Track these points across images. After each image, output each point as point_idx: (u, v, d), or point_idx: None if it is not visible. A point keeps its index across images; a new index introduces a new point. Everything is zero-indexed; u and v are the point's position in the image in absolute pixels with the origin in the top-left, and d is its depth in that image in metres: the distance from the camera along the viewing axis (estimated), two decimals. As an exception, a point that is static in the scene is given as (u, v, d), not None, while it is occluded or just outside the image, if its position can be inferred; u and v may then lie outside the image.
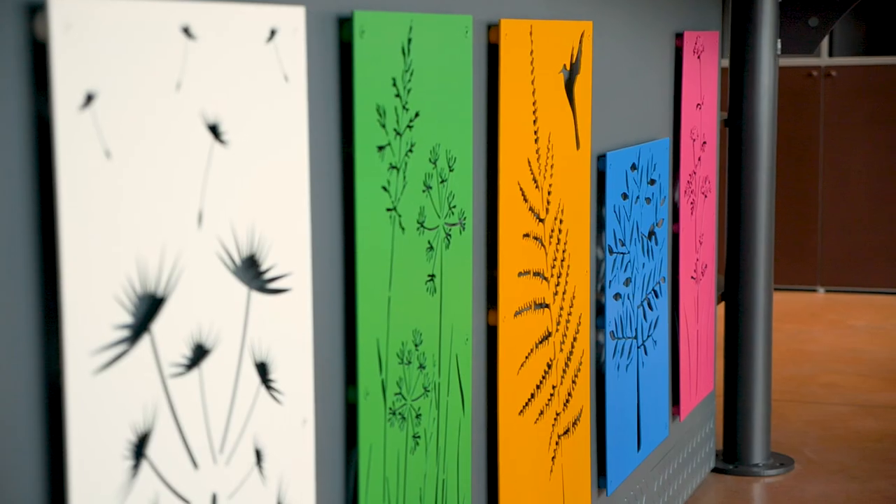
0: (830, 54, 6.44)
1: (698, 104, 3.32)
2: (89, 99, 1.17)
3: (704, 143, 3.39)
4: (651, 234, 2.94)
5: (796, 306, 6.07)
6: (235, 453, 1.42)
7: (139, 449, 1.26)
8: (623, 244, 2.75)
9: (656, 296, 3.01)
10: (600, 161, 2.62)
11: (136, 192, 1.24)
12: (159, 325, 1.28)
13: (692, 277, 3.33)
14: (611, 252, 2.67)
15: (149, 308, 1.27)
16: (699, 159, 3.34)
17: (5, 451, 1.14)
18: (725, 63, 3.88)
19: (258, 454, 1.46)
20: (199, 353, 1.35)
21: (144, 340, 1.26)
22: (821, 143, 6.42)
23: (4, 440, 1.14)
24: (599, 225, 2.63)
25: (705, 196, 3.42)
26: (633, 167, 2.79)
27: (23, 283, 1.14)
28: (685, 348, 3.28)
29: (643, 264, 2.90)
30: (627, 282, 2.79)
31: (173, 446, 1.31)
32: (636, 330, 2.87)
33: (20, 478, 1.15)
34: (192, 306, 1.33)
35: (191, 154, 1.32)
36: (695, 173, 3.31)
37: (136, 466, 1.25)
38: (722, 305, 3.83)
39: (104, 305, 1.20)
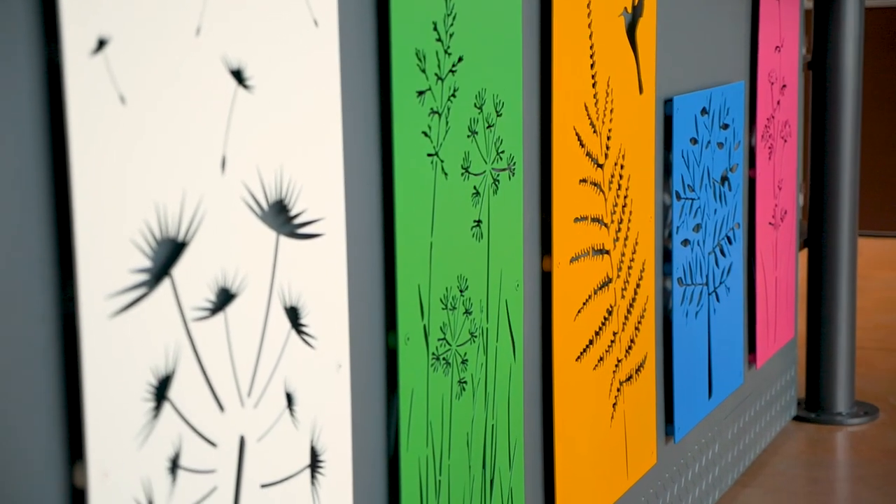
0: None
1: (777, 46, 3.25)
2: (101, 44, 1.18)
3: (784, 86, 3.33)
4: (724, 179, 2.90)
5: (892, 254, 5.95)
6: (265, 397, 1.43)
7: (160, 391, 1.27)
8: (692, 190, 2.71)
9: (729, 242, 2.97)
10: (667, 105, 2.58)
11: (153, 138, 1.25)
12: (180, 269, 1.29)
13: (770, 223, 3.28)
14: (678, 198, 2.64)
15: (169, 253, 1.28)
16: (778, 103, 3.28)
17: (23, 394, 1.16)
18: (809, 4, 3.80)
19: (289, 398, 1.47)
20: (225, 298, 1.36)
21: (165, 285, 1.27)
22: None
23: (22, 383, 1.16)
24: (666, 170, 2.60)
25: (785, 141, 3.36)
26: (704, 111, 2.75)
27: (37, 228, 1.16)
28: (762, 295, 3.24)
29: (714, 210, 2.86)
30: (697, 228, 2.76)
31: (197, 389, 1.33)
32: (707, 276, 2.83)
33: (38, 420, 1.17)
34: (216, 251, 1.34)
35: (212, 100, 1.33)
36: (773, 117, 3.25)
37: (157, 408, 1.27)
38: (805, 252, 3.77)
39: (120, 250, 1.21)
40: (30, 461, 1.17)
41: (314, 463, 1.52)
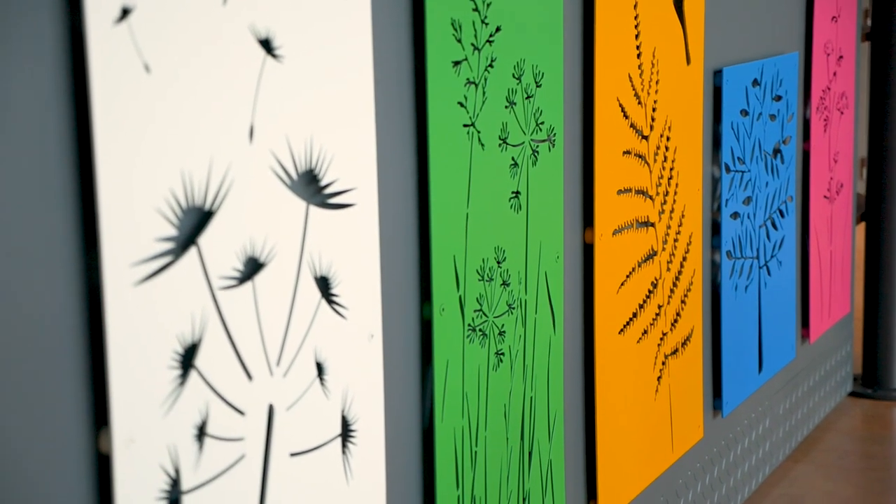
0: None
1: (834, 16, 3.21)
2: (125, 13, 1.18)
3: (841, 57, 3.28)
4: (776, 151, 2.87)
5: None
6: (294, 366, 1.44)
7: (186, 359, 1.28)
8: (742, 162, 2.68)
9: (782, 215, 2.94)
10: (716, 77, 2.56)
11: (179, 107, 1.25)
12: (207, 238, 1.30)
13: (825, 197, 3.24)
14: (727, 170, 2.62)
15: (195, 222, 1.28)
16: (834, 74, 3.24)
17: (49, 361, 1.17)
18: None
19: (319, 368, 1.48)
20: (253, 267, 1.37)
21: (191, 253, 1.28)
22: None
23: (48, 350, 1.17)
24: (715, 142, 2.58)
25: (841, 113, 3.31)
26: (755, 83, 2.72)
27: (61, 197, 1.17)
28: (816, 269, 3.20)
29: (766, 183, 2.83)
30: (747, 201, 2.73)
31: (224, 358, 1.33)
32: (757, 250, 2.81)
33: (64, 387, 1.19)
34: (244, 221, 1.35)
35: (240, 70, 1.33)
36: (829, 89, 3.20)
37: (183, 376, 1.28)
38: (862, 226, 3.72)
39: (145, 218, 1.22)
40: (56, 427, 1.18)
41: (345, 432, 1.53)
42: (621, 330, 2.20)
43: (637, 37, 2.18)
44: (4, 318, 1.13)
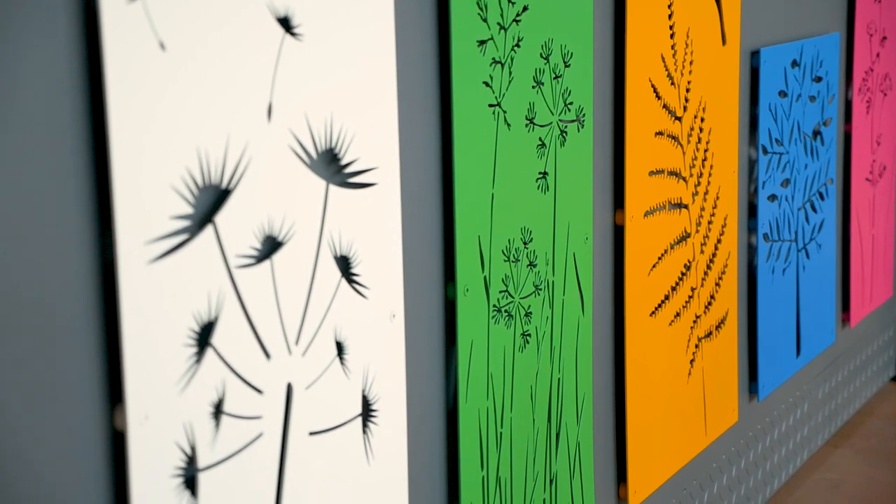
0: None
1: (877, -2, 3.17)
2: (139, -8, 1.18)
3: (884, 38, 3.24)
4: (816, 133, 2.84)
5: None
6: (313, 345, 1.44)
7: (203, 337, 1.28)
8: (780, 144, 2.65)
9: (822, 198, 2.91)
10: (753, 57, 2.53)
11: (194, 86, 1.25)
12: (224, 217, 1.30)
13: (867, 179, 3.20)
14: (765, 152, 2.59)
15: (212, 200, 1.29)
16: (877, 55, 3.20)
17: (65, 337, 1.18)
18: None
19: (339, 347, 1.48)
20: (271, 246, 1.37)
21: (207, 232, 1.28)
22: None
23: (64, 326, 1.18)
24: (752, 124, 2.55)
25: (885, 95, 3.27)
26: (794, 63, 2.69)
27: (75, 174, 1.17)
28: (857, 253, 3.17)
29: (805, 165, 2.80)
30: (786, 183, 2.70)
31: (241, 336, 1.34)
32: (796, 233, 2.78)
33: (79, 363, 1.19)
34: (262, 200, 1.35)
35: (257, 48, 1.33)
36: (872, 70, 3.16)
37: (199, 354, 1.28)
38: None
39: (160, 196, 1.22)
40: (71, 403, 1.19)
41: (366, 412, 1.53)
42: (653, 312, 2.19)
43: (670, 17, 2.16)
44: (19, 296, 1.14)
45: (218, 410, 1.31)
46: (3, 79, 1.11)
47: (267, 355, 1.37)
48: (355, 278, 1.50)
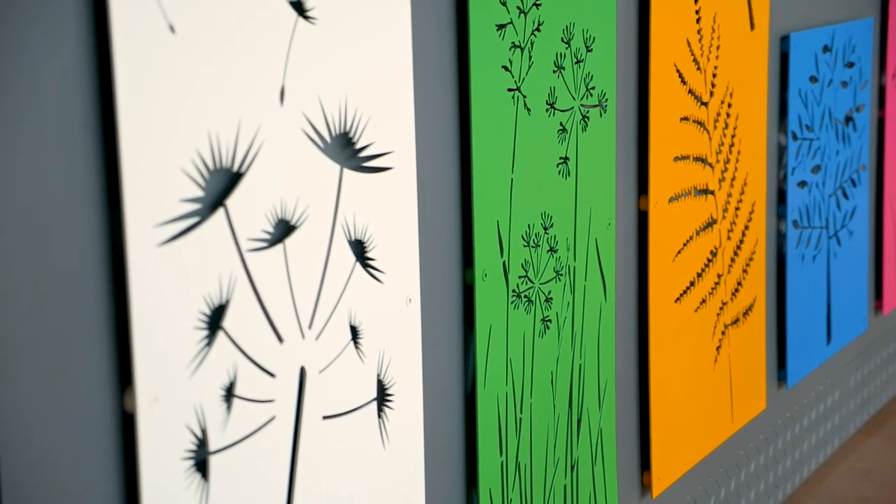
0: None
1: (913, -18, 3.13)
2: (148, -25, 1.19)
3: (920, 24, 3.20)
4: (848, 119, 2.81)
5: None
6: (327, 329, 1.44)
7: (214, 320, 1.29)
8: (810, 130, 2.63)
9: (854, 184, 2.88)
10: (783, 43, 2.51)
11: (205, 68, 1.25)
12: (235, 200, 1.30)
13: (901, 166, 3.17)
14: (794, 138, 2.57)
15: (223, 183, 1.29)
16: (912, 41, 3.16)
17: (74, 319, 1.18)
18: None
19: (354, 331, 1.48)
20: (284, 230, 1.37)
21: (218, 215, 1.28)
22: None
23: (73, 309, 1.18)
24: (781, 110, 2.53)
25: (920, 81, 3.23)
26: (826, 49, 2.66)
27: (84, 156, 1.18)
28: (890, 239, 3.14)
29: (837, 151, 2.77)
30: (816, 169, 2.68)
31: (253, 319, 1.34)
32: (827, 219, 2.76)
33: (89, 345, 1.20)
34: (274, 183, 1.35)
35: (270, 31, 1.33)
36: (906, 56, 3.13)
37: (210, 337, 1.28)
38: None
39: (170, 179, 1.23)
40: (81, 385, 1.19)
41: (381, 396, 1.53)
42: (678, 299, 2.17)
43: (696, 1, 2.14)
44: (30, 279, 1.14)
45: (229, 394, 1.31)
46: (13, 62, 1.11)
47: (280, 339, 1.37)
48: (370, 262, 1.50)
